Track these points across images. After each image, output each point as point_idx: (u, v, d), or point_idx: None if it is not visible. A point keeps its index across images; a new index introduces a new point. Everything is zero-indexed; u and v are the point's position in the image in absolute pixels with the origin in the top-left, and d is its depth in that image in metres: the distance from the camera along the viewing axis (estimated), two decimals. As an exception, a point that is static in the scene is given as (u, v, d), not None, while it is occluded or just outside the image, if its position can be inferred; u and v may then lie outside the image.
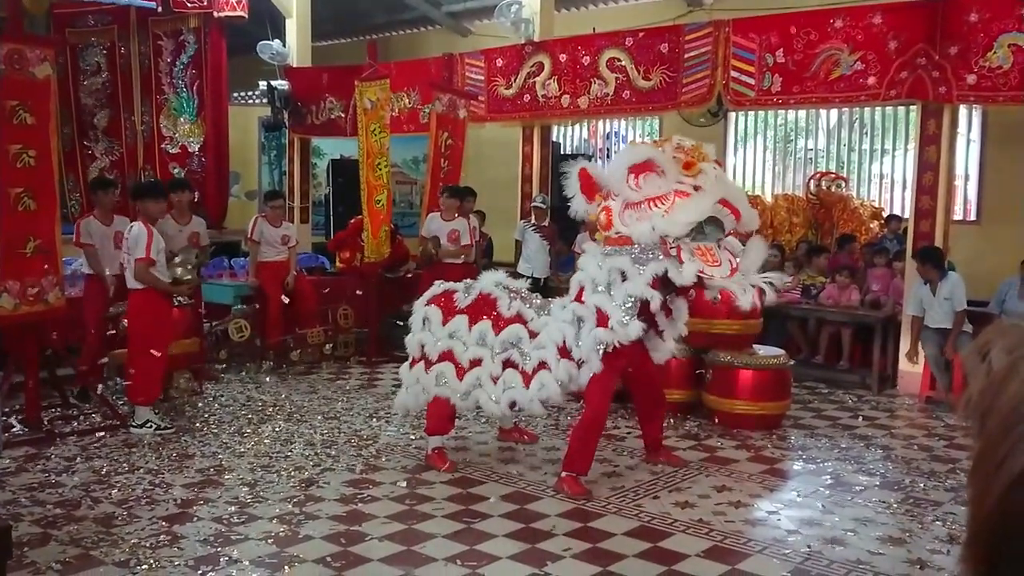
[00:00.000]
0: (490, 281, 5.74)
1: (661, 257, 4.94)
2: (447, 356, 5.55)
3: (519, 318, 5.47)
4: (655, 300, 5.06)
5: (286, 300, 8.69)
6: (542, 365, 5.31)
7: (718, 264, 4.89)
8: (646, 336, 5.27)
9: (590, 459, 5.35)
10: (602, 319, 5.08)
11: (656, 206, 4.89)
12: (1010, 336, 0.74)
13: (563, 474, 5.31)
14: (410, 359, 5.81)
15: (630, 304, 5.04)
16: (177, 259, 6.82)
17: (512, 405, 5.49)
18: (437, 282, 5.98)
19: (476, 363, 5.48)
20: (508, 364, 5.43)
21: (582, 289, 5.25)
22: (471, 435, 6.37)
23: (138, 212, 6.55)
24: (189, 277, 6.80)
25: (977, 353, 0.75)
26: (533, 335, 5.41)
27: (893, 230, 9.81)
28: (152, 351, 6.42)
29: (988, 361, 0.73)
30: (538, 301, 5.68)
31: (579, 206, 5.28)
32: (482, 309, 5.58)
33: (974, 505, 0.71)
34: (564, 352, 5.24)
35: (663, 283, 5.04)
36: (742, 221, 5.04)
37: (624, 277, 5.05)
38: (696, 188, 4.90)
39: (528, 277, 7.90)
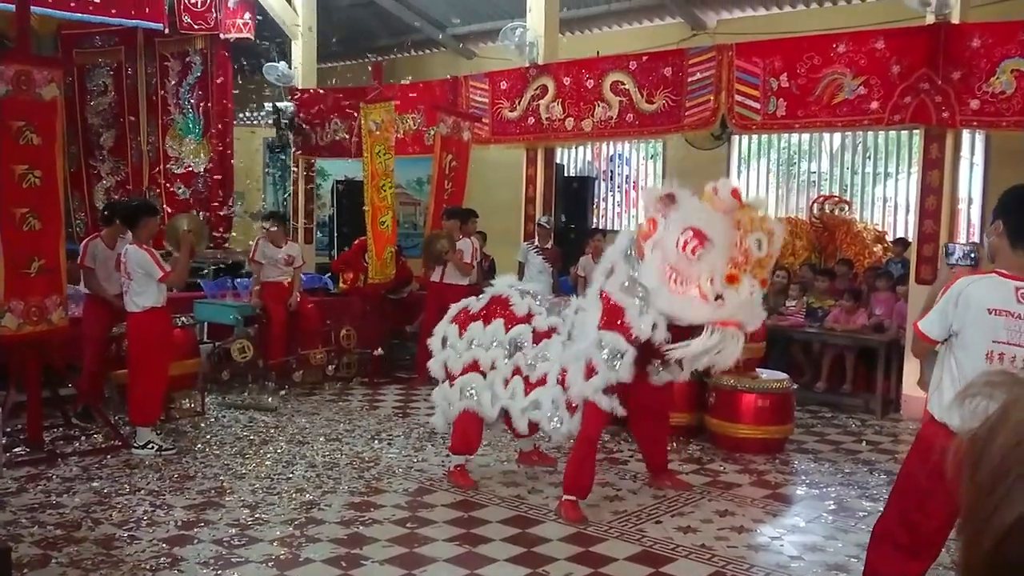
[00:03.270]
0: (502, 284, 5.81)
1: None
2: (471, 367, 5.58)
3: (528, 316, 5.49)
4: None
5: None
6: (543, 380, 5.31)
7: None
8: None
9: (587, 483, 5.31)
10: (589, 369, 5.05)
11: (674, 282, 4.64)
12: (1004, 385, 0.73)
13: (563, 498, 5.29)
14: (440, 382, 5.84)
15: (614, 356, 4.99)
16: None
17: (504, 414, 5.54)
18: (452, 305, 6.01)
19: (493, 366, 5.53)
20: (517, 370, 5.45)
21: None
22: (473, 458, 6.34)
23: (135, 235, 6.54)
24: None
25: (970, 400, 0.75)
26: (538, 336, 5.41)
27: (899, 253, 9.80)
28: (151, 371, 6.43)
29: (981, 410, 0.73)
30: (551, 299, 5.70)
31: (647, 202, 5.04)
32: (495, 310, 5.63)
33: (965, 556, 0.71)
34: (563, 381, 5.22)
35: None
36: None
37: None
38: (719, 298, 4.52)
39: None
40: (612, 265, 5.12)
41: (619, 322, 4.95)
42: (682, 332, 4.88)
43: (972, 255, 4.57)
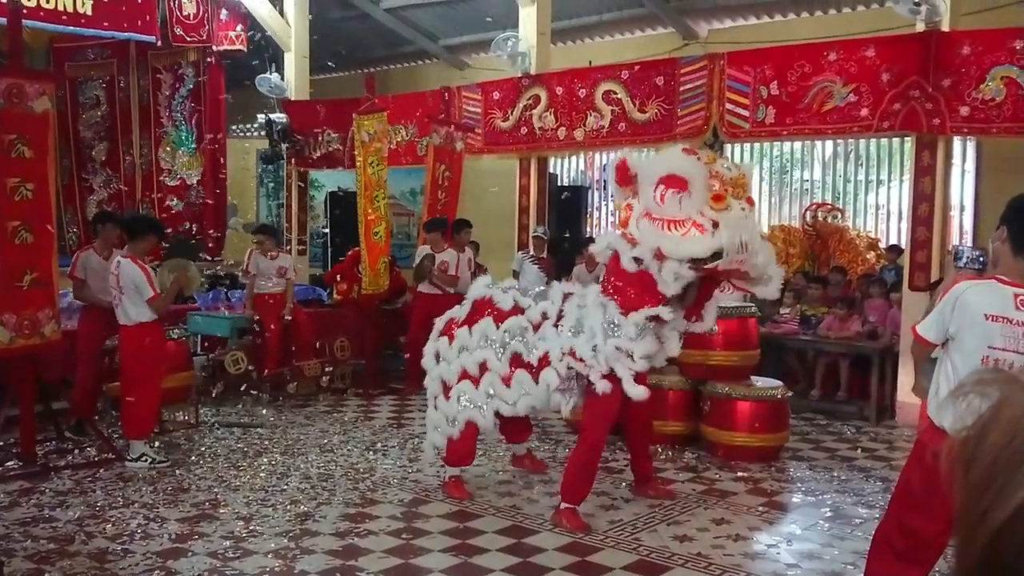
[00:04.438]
0: (479, 286, 5.83)
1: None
2: (464, 375, 5.59)
3: (517, 308, 5.49)
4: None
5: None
6: (546, 359, 5.28)
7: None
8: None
9: (588, 489, 5.32)
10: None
11: (671, 229, 4.77)
12: (995, 383, 0.73)
13: (562, 506, 5.27)
14: (432, 400, 5.81)
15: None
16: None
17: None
18: (437, 319, 6.01)
19: (484, 367, 5.49)
20: (516, 361, 5.41)
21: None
22: (467, 468, 6.32)
23: (132, 246, 6.51)
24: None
25: (962, 399, 0.74)
26: (534, 326, 5.41)
27: (892, 260, 9.82)
28: (144, 385, 6.39)
29: (973, 408, 0.72)
30: (534, 291, 5.71)
31: (614, 191, 5.29)
32: (479, 312, 5.63)
33: (959, 556, 0.70)
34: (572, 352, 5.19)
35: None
36: (755, 267, 4.85)
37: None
38: (715, 224, 4.71)
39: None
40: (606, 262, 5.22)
41: (639, 294, 4.97)
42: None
43: (980, 259, 4.56)
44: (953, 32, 7.61)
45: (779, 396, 6.89)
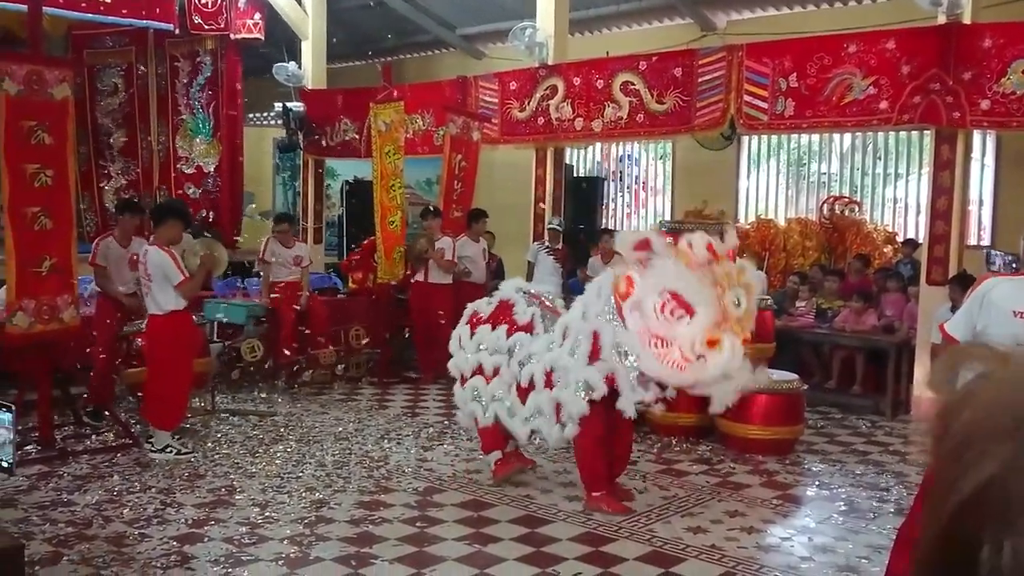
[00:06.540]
0: (510, 287, 5.87)
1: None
2: (478, 370, 5.66)
3: (530, 326, 5.52)
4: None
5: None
6: (532, 385, 5.37)
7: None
8: None
9: (601, 475, 5.37)
10: (595, 351, 5.08)
11: (655, 346, 4.64)
12: (983, 358, 0.72)
13: (592, 495, 5.35)
14: (458, 381, 5.89)
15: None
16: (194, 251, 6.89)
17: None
18: (468, 305, 6.07)
19: (497, 372, 5.57)
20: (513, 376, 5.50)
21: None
22: (481, 456, 6.34)
23: (157, 233, 6.49)
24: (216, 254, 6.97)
25: (942, 374, 0.74)
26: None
27: (909, 254, 9.77)
28: (174, 375, 6.38)
29: (951, 383, 0.71)
30: (555, 305, 5.72)
31: (622, 251, 4.92)
32: (500, 315, 5.68)
33: (924, 531, 0.69)
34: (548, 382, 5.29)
35: None
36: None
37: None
38: (700, 357, 4.51)
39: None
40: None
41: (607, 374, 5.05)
42: None
43: (1013, 265, 4.52)
44: (974, 24, 7.55)
45: (794, 389, 6.87)
